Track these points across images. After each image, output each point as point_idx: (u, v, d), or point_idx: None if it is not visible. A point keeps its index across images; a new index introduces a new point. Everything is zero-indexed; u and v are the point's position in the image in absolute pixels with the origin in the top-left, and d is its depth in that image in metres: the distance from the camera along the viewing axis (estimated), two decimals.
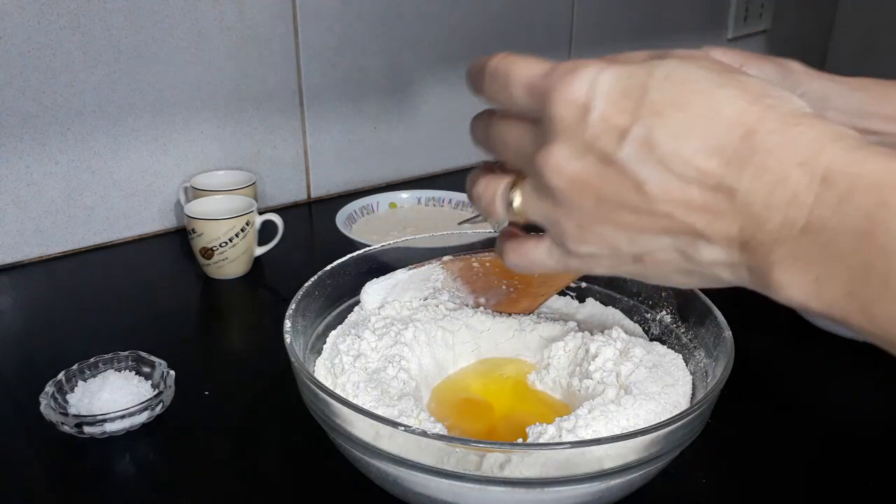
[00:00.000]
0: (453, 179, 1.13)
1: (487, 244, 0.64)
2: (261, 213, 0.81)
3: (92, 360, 0.59)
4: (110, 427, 0.53)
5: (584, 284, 0.62)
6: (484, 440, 0.47)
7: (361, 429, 0.42)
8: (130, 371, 0.58)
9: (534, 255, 0.36)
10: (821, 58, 1.72)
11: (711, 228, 0.29)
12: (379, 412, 0.44)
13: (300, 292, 0.53)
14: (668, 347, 0.55)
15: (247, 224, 0.78)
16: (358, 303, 0.60)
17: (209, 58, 0.88)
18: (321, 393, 0.43)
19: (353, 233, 0.80)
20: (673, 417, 0.40)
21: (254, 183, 0.89)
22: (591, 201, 0.31)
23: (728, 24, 1.46)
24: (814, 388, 0.61)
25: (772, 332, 0.69)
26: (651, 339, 0.57)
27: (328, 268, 0.57)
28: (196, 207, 0.79)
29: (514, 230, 0.38)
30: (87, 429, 0.53)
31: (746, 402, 0.59)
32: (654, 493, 0.47)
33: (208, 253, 0.77)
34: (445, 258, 0.58)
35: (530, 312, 0.59)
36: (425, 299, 0.59)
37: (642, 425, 0.44)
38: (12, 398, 0.60)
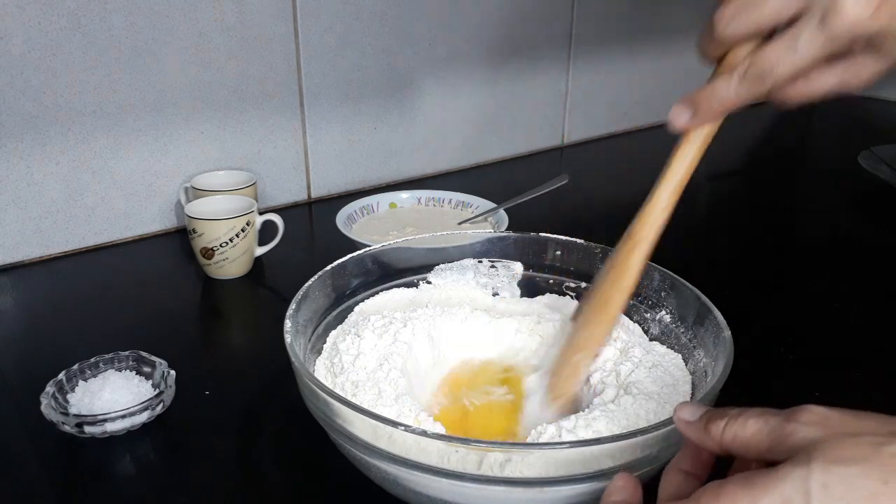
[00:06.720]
0: (453, 179, 1.13)
1: (491, 244, 0.64)
2: (261, 213, 0.81)
3: (92, 359, 0.59)
4: (111, 427, 0.53)
5: (583, 284, 0.62)
6: (484, 440, 0.47)
7: (361, 428, 0.42)
8: (131, 371, 0.59)
9: None
10: None
11: None
12: (379, 412, 0.44)
13: (300, 292, 0.53)
14: (667, 347, 0.55)
15: (247, 224, 0.78)
16: (358, 303, 0.60)
17: (209, 58, 0.88)
18: (321, 393, 0.43)
19: (353, 233, 0.80)
20: (673, 417, 0.40)
21: (254, 183, 0.89)
22: None
23: None
24: (813, 388, 0.62)
25: (772, 331, 0.69)
26: (650, 339, 0.57)
27: (328, 268, 0.57)
28: (196, 207, 0.79)
29: None
30: (87, 428, 0.53)
31: (746, 402, 0.59)
32: (654, 493, 0.47)
33: (209, 253, 0.77)
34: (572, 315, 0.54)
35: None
36: None
37: (642, 425, 0.44)
38: (13, 398, 0.60)
